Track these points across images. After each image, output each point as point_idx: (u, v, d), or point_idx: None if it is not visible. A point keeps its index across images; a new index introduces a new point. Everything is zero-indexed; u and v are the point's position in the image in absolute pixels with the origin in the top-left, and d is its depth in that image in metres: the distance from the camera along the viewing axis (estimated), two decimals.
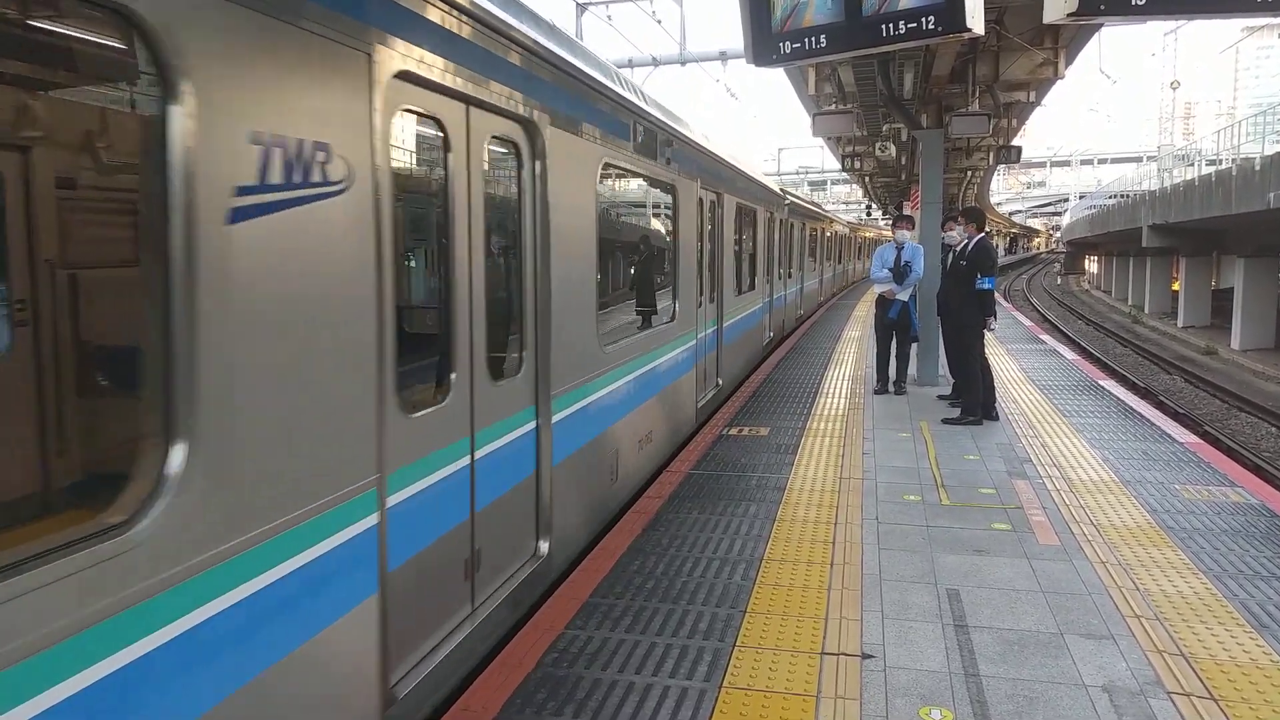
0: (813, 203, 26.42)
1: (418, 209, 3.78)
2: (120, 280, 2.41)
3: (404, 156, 3.56)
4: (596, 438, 5.44)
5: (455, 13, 3.47)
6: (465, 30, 3.58)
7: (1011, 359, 13.10)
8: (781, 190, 16.44)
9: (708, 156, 8.97)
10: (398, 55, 3.03)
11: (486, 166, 3.96)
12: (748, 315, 12.21)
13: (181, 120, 2.10)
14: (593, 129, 5.20)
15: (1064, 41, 11.87)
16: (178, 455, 2.12)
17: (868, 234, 45.22)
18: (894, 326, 10.33)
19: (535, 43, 4.26)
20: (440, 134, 3.56)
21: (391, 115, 3.07)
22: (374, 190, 2.90)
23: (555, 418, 4.63)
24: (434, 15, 3.33)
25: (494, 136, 4.02)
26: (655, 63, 16.48)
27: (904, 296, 10.27)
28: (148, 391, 2.16)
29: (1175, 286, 33.17)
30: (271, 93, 2.42)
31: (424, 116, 3.49)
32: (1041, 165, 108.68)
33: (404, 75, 3.11)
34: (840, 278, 32.29)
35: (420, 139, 3.73)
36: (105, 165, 2.36)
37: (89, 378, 2.44)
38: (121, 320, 2.42)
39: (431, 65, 3.28)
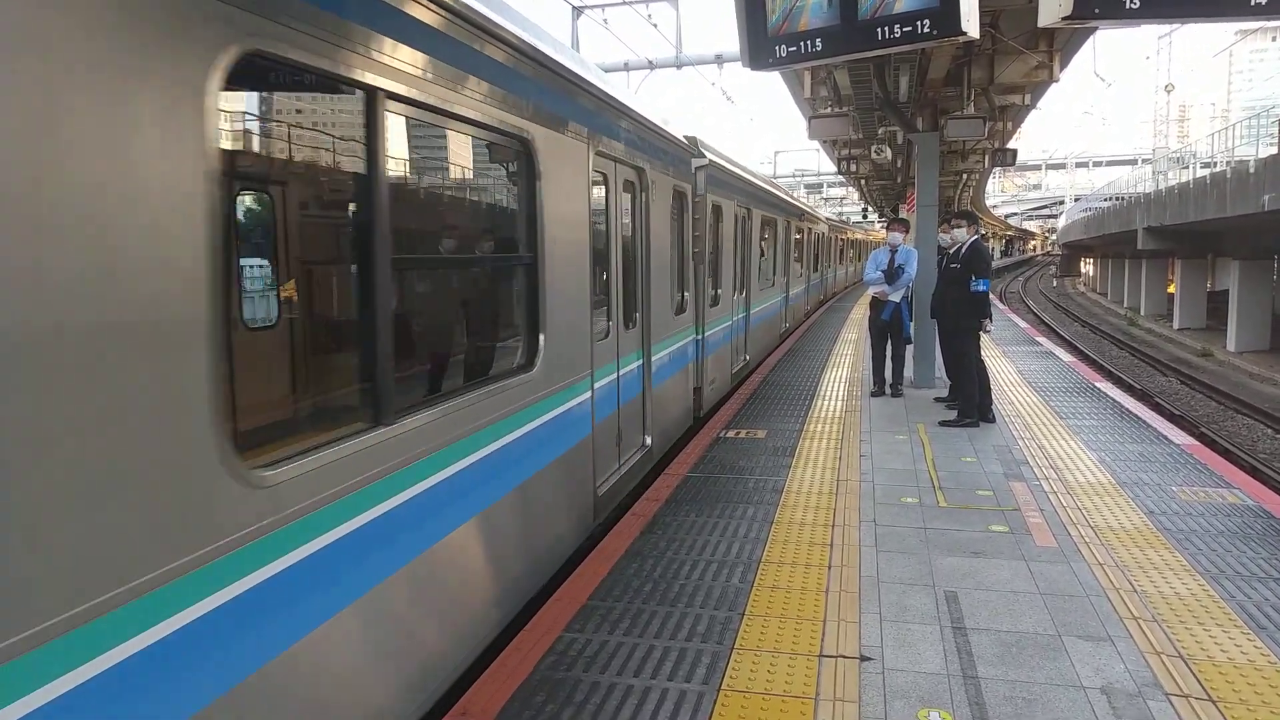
0: (768, 181, 16.05)
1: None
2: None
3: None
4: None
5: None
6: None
7: (1008, 361, 13.12)
8: (689, 142, 8.82)
9: None
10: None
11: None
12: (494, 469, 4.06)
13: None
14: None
15: (1059, 45, 11.90)
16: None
17: (854, 235, 37.83)
18: (887, 328, 10.39)
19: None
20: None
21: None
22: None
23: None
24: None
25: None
26: (651, 66, 16.50)
27: (896, 298, 10.31)
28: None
29: (1171, 289, 33.27)
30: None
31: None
32: (1037, 168, 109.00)
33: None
34: (816, 291, 24.24)
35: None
36: None
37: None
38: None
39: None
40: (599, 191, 5.89)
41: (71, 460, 1.89)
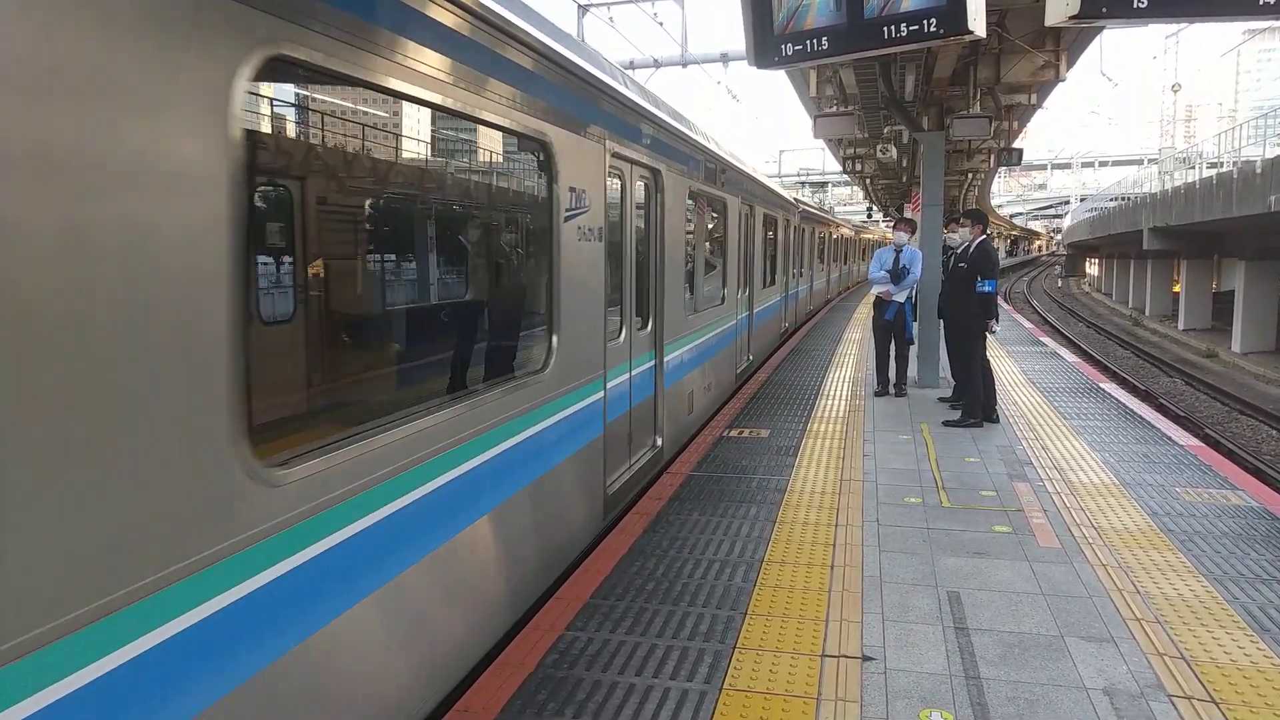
0: (682, 119, 7.60)
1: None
2: None
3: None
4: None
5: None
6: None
7: (1012, 361, 13.10)
8: None
9: None
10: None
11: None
12: None
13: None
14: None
15: (1065, 44, 11.87)
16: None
17: (842, 231, 31.14)
18: (891, 328, 10.40)
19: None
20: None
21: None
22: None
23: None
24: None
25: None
26: (656, 64, 16.50)
27: (900, 298, 10.32)
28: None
29: (1176, 289, 33.17)
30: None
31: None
32: (1042, 168, 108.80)
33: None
34: (784, 308, 16.66)
35: None
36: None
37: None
38: None
39: None
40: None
41: None
